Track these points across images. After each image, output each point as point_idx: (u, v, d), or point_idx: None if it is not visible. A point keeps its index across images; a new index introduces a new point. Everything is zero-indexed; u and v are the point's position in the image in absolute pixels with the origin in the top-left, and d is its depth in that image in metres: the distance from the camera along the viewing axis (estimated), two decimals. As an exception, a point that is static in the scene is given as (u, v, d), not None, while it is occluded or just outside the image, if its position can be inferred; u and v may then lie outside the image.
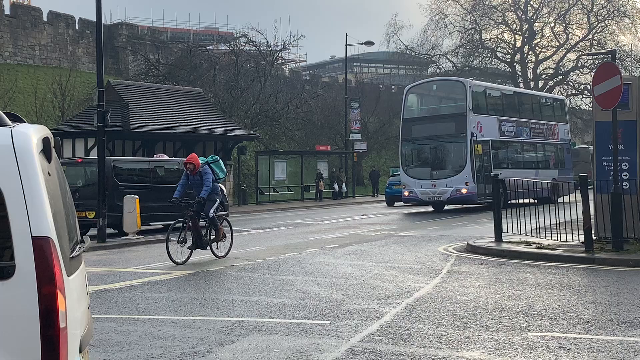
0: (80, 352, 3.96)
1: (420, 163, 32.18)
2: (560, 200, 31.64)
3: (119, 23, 59.82)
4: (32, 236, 3.51)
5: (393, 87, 74.81)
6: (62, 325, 3.52)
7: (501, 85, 43.63)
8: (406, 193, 31.42)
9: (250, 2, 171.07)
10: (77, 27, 53.80)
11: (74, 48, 53.30)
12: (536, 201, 32.01)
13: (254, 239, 20.77)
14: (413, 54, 69.72)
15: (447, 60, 71.41)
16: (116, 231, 22.24)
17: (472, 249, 16.04)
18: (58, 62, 50.93)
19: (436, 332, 8.07)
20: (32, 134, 3.77)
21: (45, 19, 51.83)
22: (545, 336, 7.80)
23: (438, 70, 73.73)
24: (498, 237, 16.72)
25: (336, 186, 47.15)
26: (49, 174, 3.85)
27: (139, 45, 57.30)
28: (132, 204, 20.88)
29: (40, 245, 3.52)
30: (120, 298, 10.95)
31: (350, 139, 51.58)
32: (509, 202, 29.63)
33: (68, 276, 3.77)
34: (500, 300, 9.93)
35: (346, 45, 50.62)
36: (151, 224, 23.58)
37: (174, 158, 27.29)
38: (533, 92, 44.18)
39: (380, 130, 59.91)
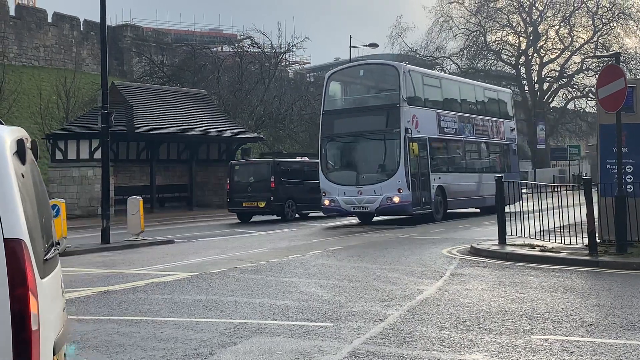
0: (54, 354, 3.96)
1: (344, 165, 26.94)
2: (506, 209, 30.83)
3: (124, 25, 59.95)
4: (3, 238, 3.49)
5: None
6: (34, 327, 3.50)
7: (439, 72, 37.22)
8: (326, 202, 25.71)
9: (254, 4, 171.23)
10: (81, 29, 53.92)
11: (79, 49, 53.41)
12: (479, 210, 30.10)
13: (257, 240, 20.78)
14: (417, 56, 69.64)
15: (451, 63, 71.46)
16: (279, 217, 30.24)
17: (475, 252, 16.01)
18: (63, 63, 51.03)
19: (439, 334, 8.06)
20: (6, 136, 3.76)
21: (50, 20, 51.95)
22: (548, 339, 7.78)
23: (442, 72, 73.83)
24: (502, 239, 16.69)
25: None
26: (23, 176, 3.85)
27: (144, 46, 57.40)
28: (135, 206, 20.90)
29: (12, 247, 3.49)
30: (123, 299, 10.95)
31: (354, 140, 51.52)
32: (447, 211, 27.17)
33: (42, 278, 3.76)
34: (503, 303, 9.91)
35: (350, 47, 50.60)
36: (303, 212, 31.55)
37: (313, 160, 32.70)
38: (476, 82, 37.28)
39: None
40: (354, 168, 26.36)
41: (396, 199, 24.63)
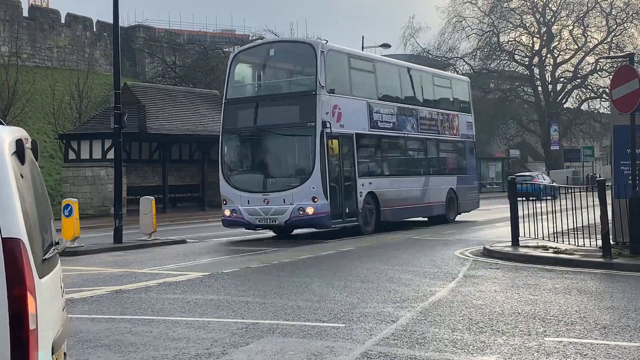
0: (53, 353, 3.97)
1: (248, 167, 22.20)
2: (459, 218, 27.68)
3: (136, 25, 60.13)
4: (2, 238, 3.50)
5: (409, 89, 74.60)
6: (32, 327, 3.51)
7: (372, 54, 30.36)
8: (226, 213, 21.16)
9: (266, 5, 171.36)
10: (94, 30, 54.12)
11: (92, 50, 53.61)
12: (427, 219, 26.29)
13: (268, 242, 20.77)
14: (430, 56, 69.57)
15: (464, 63, 71.30)
16: None
17: (488, 253, 15.95)
18: (76, 64, 51.24)
19: (452, 336, 8.02)
20: (5, 136, 3.78)
21: (63, 21, 52.17)
22: (561, 342, 7.73)
23: (455, 73, 73.67)
24: (515, 241, 16.62)
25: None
26: (22, 176, 3.87)
27: (156, 47, 57.57)
28: (148, 206, 20.96)
29: (11, 247, 3.50)
30: (135, 299, 10.96)
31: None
32: (381, 222, 22.73)
33: (40, 278, 3.77)
34: (516, 305, 9.86)
35: (362, 47, 50.54)
36: None
37: None
38: (424, 67, 31.67)
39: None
40: (261, 171, 21.42)
41: (310, 210, 19.93)
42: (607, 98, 70.31)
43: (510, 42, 70.90)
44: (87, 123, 37.94)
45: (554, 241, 16.40)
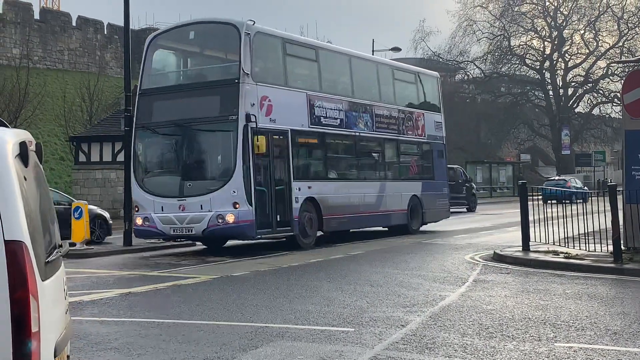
0: (55, 356, 3.97)
1: (163, 168, 19.49)
2: (424, 228, 24.95)
3: (147, 28, 60.16)
4: (4, 240, 3.51)
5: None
6: (34, 329, 3.52)
7: (317, 41, 25.76)
8: (138, 221, 18.48)
9: (277, 8, 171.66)
10: (105, 32, 54.28)
11: (102, 53, 53.78)
12: (387, 229, 23.75)
13: (278, 244, 20.79)
14: (441, 60, 69.58)
15: (475, 67, 71.26)
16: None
17: (499, 258, 15.90)
18: (86, 66, 51.41)
19: (461, 341, 7.99)
20: (8, 139, 3.79)
21: (74, 24, 52.35)
22: (572, 347, 7.69)
23: (466, 77, 73.61)
24: (525, 246, 16.55)
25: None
26: (25, 179, 3.87)
27: (167, 50, 57.68)
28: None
29: (13, 249, 3.51)
30: (145, 301, 10.98)
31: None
32: (325, 232, 20.59)
33: (43, 281, 3.77)
34: (527, 310, 9.81)
35: (373, 51, 50.49)
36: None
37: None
38: (381, 59, 28.98)
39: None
40: (177, 172, 18.65)
41: (230, 218, 17.19)
42: (619, 103, 70.12)
43: (521, 46, 70.80)
44: (97, 125, 38.04)
45: (565, 246, 16.33)
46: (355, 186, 21.74)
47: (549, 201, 21.89)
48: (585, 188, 40.79)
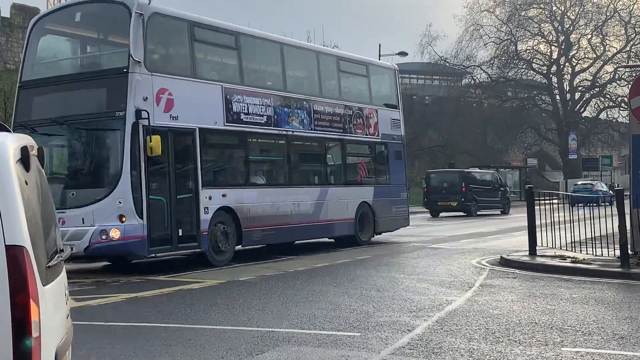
0: None
1: (49, 175, 14.09)
2: (379, 238, 22.47)
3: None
4: (5, 245, 3.51)
5: (426, 97, 74.56)
6: (35, 334, 3.52)
7: (237, 25, 19.49)
8: None
9: (283, 13, 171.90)
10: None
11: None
12: (333, 240, 21.08)
13: (285, 248, 20.77)
14: (447, 64, 69.49)
15: (481, 71, 71.15)
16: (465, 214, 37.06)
17: (505, 263, 15.87)
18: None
19: (468, 346, 7.97)
20: (9, 143, 3.81)
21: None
22: (579, 352, 7.67)
23: (473, 82, 73.54)
24: (532, 250, 16.51)
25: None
26: (27, 183, 3.88)
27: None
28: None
29: (14, 254, 3.52)
30: (151, 306, 10.98)
31: (382, 149, 51.36)
32: (244, 247, 17.84)
33: (44, 285, 3.78)
34: (533, 315, 9.79)
35: (379, 55, 50.56)
36: (482, 211, 39.20)
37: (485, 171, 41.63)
38: (322, 47, 25.53)
39: (413, 141, 59.72)
40: (59, 180, 15.58)
41: (115, 233, 14.30)
42: (626, 107, 69.97)
43: (528, 51, 70.66)
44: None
45: (572, 251, 16.29)
46: (287, 193, 18.74)
47: (577, 204, 22.05)
48: (610, 192, 41.43)
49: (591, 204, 21.70)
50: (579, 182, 54.56)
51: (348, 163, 21.73)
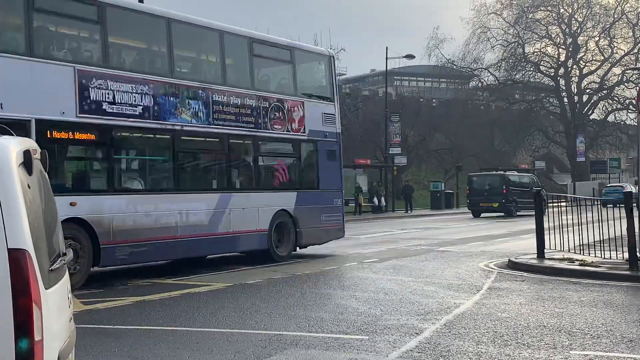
0: None
1: None
2: (304, 251, 19.08)
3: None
4: (8, 248, 3.52)
5: (434, 100, 74.55)
6: (37, 338, 3.52)
7: None
8: None
9: (290, 16, 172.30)
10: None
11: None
12: (245, 255, 18.03)
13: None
14: (454, 67, 69.50)
15: (489, 74, 71.12)
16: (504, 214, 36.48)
17: (513, 266, 15.83)
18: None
19: (476, 349, 7.95)
20: (12, 147, 3.82)
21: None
22: (587, 355, 7.64)
23: (480, 84, 73.47)
24: (540, 253, 16.48)
25: (375, 200, 46.99)
26: (29, 187, 3.89)
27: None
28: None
29: (16, 257, 3.52)
30: (158, 309, 10.98)
31: (390, 152, 51.41)
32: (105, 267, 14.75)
33: (46, 289, 3.78)
34: (542, 318, 9.76)
35: (387, 58, 50.60)
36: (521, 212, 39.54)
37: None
38: (229, 26, 18.31)
39: (420, 144, 59.69)
40: None
41: None
42: (634, 109, 69.89)
43: (535, 53, 70.62)
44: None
45: (580, 253, 16.24)
46: (170, 200, 15.54)
47: (608, 205, 22.27)
48: None
49: (621, 205, 21.79)
50: (610, 185, 56.57)
51: (261, 164, 18.19)
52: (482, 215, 41.25)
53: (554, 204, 19.68)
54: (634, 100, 67.40)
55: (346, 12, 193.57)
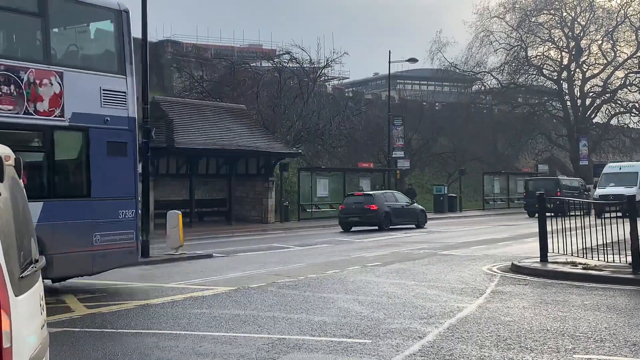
0: None
1: None
2: (68, 283, 14.46)
3: (165, 40, 60.63)
4: None
5: (437, 104, 74.50)
6: (5, 345, 3.49)
7: None
8: None
9: (293, 19, 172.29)
10: (124, 45, 54.60)
11: (121, 65, 54.03)
12: None
13: (295, 255, 20.76)
14: (457, 71, 69.41)
15: (492, 78, 71.05)
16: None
17: (516, 269, 15.81)
18: (105, 78, 51.60)
19: (479, 353, 7.94)
20: None
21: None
22: (591, 359, 7.64)
23: (483, 88, 73.43)
24: (543, 257, 16.46)
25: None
26: (0, 194, 3.86)
27: (184, 62, 57.98)
28: (175, 220, 21.03)
29: None
30: (162, 313, 10.99)
31: (393, 156, 51.41)
32: None
33: (17, 296, 3.74)
34: (545, 322, 9.75)
35: (389, 62, 50.56)
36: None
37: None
38: None
39: (423, 147, 59.66)
40: None
41: None
42: (637, 113, 69.84)
43: (538, 57, 70.51)
44: (115, 137, 38.16)
45: (583, 257, 16.22)
46: None
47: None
48: None
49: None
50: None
51: None
52: (536, 215, 41.99)
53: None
54: (637, 104, 67.42)
55: (349, 16, 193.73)
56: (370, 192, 36.59)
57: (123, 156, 14.58)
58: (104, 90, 14.28)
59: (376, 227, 32.66)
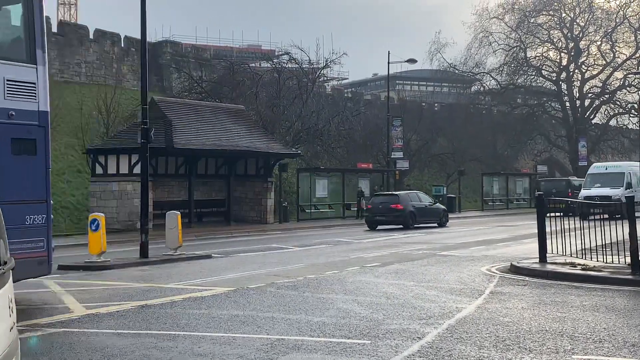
0: None
1: None
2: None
3: (164, 41, 60.60)
4: None
5: (436, 105, 74.54)
6: None
7: None
8: None
9: (292, 20, 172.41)
10: (122, 45, 54.61)
11: (119, 65, 54.08)
12: None
13: (294, 256, 20.76)
14: (456, 71, 69.48)
15: (491, 78, 71.12)
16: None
17: (515, 270, 15.82)
18: (103, 79, 51.70)
19: (478, 353, 7.94)
20: None
21: (91, 37, 52.68)
22: (590, 359, 7.63)
23: (482, 88, 73.48)
24: (542, 258, 16.46)
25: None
26: None
27: (183, 62, 57.97)
28: (174, 221, 21.02)
29: None
30: (161, 314, 10.98)
31: (392, 156, 51.43)
32: None
33: None
34: (544, 322, 9.75)
35: (389, 62, 50.56)
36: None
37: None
38: None
39: (422, 148, 59.69)
40: None
41: None
42: (636, 114, 69.86)
43: (537, 58, 70.59)
44: (114, 138, 38.21)
45: (582, 258, 16.22)
46: None
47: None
48: None
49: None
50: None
51: None
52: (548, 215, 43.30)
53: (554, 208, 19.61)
54: (636, 105, 67.38)
55: (349, 17, 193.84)
56: (396, 192, 37.33)
57: (31, 155, 12.78)
58: (8, 80, 12.40)
59: (401, 226, 33.60)
